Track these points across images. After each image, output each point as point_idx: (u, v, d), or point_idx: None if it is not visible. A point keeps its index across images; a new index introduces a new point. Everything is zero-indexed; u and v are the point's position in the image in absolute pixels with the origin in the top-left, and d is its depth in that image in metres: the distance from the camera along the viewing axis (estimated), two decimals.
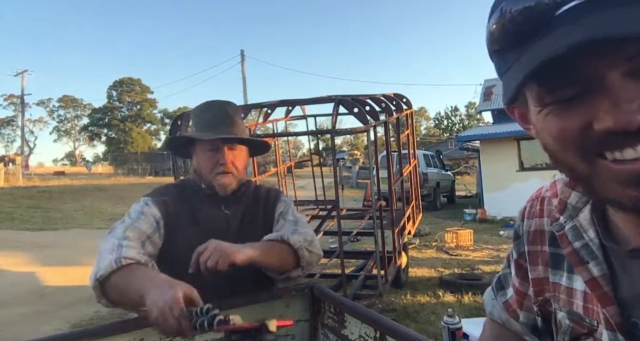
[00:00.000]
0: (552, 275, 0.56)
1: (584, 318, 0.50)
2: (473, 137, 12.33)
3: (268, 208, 1.36)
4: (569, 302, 0.52)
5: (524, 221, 0.62)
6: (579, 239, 0.50)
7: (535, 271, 0.59)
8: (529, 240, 0.60)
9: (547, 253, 0.57)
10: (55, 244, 8.08)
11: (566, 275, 0.53)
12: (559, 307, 0.54)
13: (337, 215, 3.27)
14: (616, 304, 0.45)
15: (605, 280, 0.46)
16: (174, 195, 1.29)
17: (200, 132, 1.28)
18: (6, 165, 20.65)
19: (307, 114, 5.75)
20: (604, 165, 0.39)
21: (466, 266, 5.84)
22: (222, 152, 1.26)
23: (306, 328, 1.20)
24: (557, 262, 0.55)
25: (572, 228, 0.51)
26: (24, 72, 36.89)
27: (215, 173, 1.27)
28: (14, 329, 3.98)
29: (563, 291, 0.53)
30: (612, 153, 0.38)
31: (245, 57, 24.76)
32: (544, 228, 0.58)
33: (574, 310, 0.51)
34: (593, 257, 0.48)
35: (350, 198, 13.97)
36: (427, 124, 61.10)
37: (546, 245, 0.57)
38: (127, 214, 1.22)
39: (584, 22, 0.36)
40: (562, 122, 0.41)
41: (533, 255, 0.59)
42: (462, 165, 27.43)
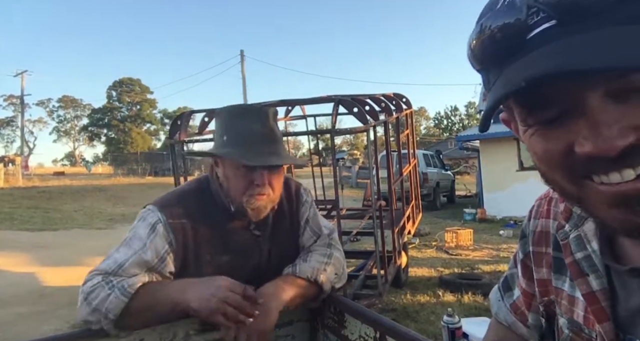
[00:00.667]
0: (555, 279, 0.55)
1: (583, 329, 0.49)
2: (473, 136, 12.33)
3: (293, 213, 1.22)
4: (570, 310, 0.51)
5: (530, 220, 0.61)
6: (582, 250, 0.48)
7: (540, 272, 0.58)
8: (534, 240, 0.59)
9: (551, 257, 0.55)
10: (55, 244, 8.08)
11: (569, 282, 0.52)
12: (561, 313, 0.53)
13: (337, 214, 3.27)
14: (611, 320, 0.44)
15: (604, 295, 0.45)
16: (194, 213, 1.08)
17: (236, 145, 1.04)
18: (6, 166, 20.63)
19: (307, 114, 5.74)
20: (592, 187, 0.38)
21: (466, 266, 5.84)
22: (260, 172, 1.05)
23: (306, 328, 1.20)
24: (560, 267, 0.54)
25: (576, 238, 0.50)
26: (24, 73, 36.87)
27: (249, 195, 1.05)
28: (14, 329, 3.98)
29: (565, 298, 0.52)
30: (598, 176, 0.37)
31: (245, 57, 24.78)
32: (549, 230, 0.57)
33: (574, 319, 0.50)
34: (594, 270, 0.47)
35: (350, 198, 13.97)
36: (427, 124, 61.14)
37: (550, 248, 0.56)
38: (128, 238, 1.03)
39: (552, 48, 0.34)
40: (545, 143, 0.39)
41: (537, 256, 0.58)
42: (462, 164, 27.44)
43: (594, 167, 0.37)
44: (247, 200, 1.06)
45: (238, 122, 1.07)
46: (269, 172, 1.06)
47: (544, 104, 0.38)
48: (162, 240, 1.02)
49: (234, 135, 1.06)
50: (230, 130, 1.07)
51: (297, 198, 1.24)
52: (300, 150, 40.19)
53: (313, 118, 5.95)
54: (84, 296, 0.95)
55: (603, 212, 0.39)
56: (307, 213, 1.24)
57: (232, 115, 1.09)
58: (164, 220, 1.03)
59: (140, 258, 0.99)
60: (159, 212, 1.04)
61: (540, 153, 0.41)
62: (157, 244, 1.01)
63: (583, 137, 0.36)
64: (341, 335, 1.10)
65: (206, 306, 0.92)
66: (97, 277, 0.97)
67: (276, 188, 1.10)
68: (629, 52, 0.31)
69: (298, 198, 1.24)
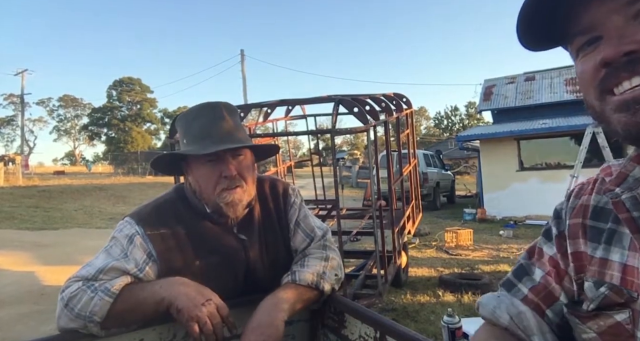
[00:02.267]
0: (587, 247, 0.56)
1: (621, 289, 0.49)
2: (473, 136, 12.33)
3: (281, 215, 1.19)
4: (600, 273, 0.52)
5: (570, 200, 0.62)
6: (638, 210, 0.49)
7: (576, 244, 0.58)
8: (572, 215, 0.60)
9: (587, 226, 0.57)
10: (55, 243, 8.08)
11: (603, 247, 0.53)
12: (587, 277, 0.54)
13: (337, 214, 3.27)
14: None
15: None
16: (174, 223, 1.06)
17: (193, 144, 1.04)
18: (6, 165, 20.64)
19: (307, 114, 5.75)
20: (610, 100, 0.47)
21: (466, 266, 5.84)
22: (226, 162, 1.02)
23: (306, 328, 1.20)
24: (595, 235, 0.55)
25: (631, 198, 0.50)
26: (24, 72, 36.88)
27: (221, 190, 1.03)
28: (14, 329, 3.98)
29: (595, 263, 0.53)
30: (617, 88, 0.46)
31: (245, 57, 24.77)
32: (589, 203, 0.58)
33: (608, 281, 0.51)
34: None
35: (350, 198, 13.97)
36: (427, 124, 61.11)
37: (588, 218, 0.57)
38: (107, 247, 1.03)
39: None
40: (582, 66, 0.50)
41: (573, 227, 0.59)
42: (462, 164, 27.44)
43: (611, 78, 0.46)
44: (219, 195, 1.03)
45: (193, 123, 1.06)
46: (235, 160, 1.04)
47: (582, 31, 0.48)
48: (141, 251, 1.01)
49: (191, 136, 1.06)
50: (188, 132, 1.07)
51: (285, 200, 1.21)
52: (300, 150, 40.22)
53: (313, 118, 5.96)
54: (64, 303, 0.93)
55: (613, 118, 0.47)
56: (296, 215, 1.20)
57: (189, 116, 1.08)
58: (141, 232, 1.02)
59: (120, 264, 0.98)
60: (137, 225, 1.03)
61: (579, 75, 0.51)
62: (136, 255, 1.00)
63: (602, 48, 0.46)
64: (341, 335, 1.10)
65: (190, 310, 0.91)
66: (77, 283, 0.95)
67: (248, 180, 1.07)
68: None
69: (286, 199, 1.21)
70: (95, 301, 0.90)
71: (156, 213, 1.07)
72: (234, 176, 1.04)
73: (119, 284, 0.94)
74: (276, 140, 5.74)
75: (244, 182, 1.06)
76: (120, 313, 0.92)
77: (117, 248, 1.01)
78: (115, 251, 1.01)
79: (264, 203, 1.19)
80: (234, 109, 1.13)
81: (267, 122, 5.16)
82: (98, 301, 0.90)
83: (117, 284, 0.93)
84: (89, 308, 0.90)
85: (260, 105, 4.44)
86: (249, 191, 1.08)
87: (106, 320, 0.91)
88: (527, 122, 11.53)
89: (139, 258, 1.00)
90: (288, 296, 1.04)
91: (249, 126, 5.13)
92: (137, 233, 1.02)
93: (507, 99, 13.77)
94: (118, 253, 1.00)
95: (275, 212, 1.19)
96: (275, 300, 1.02)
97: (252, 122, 5.40)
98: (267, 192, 1.21)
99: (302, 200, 1.26)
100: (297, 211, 1.21)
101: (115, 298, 0.91)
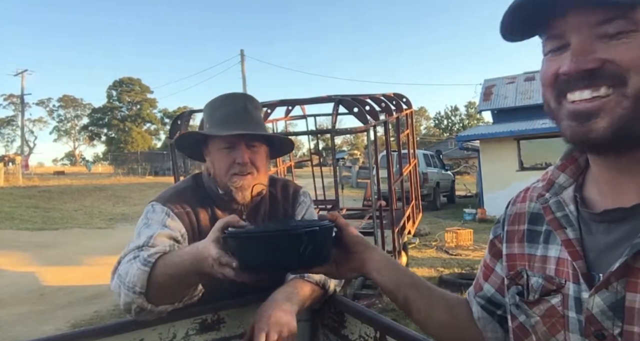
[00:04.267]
0: (528, 248, 0.65)
1: (554, 278, 0.59)
2: (473, 136, 12.33)
3: (288, 213, 1.24)
4: (542, 268, 0.62)
5: (508, 208, 0.72)
6: (561, 211, 0.60)
7: (511, 248, 0.68)
8: (509, 222, 0.70)
9: (524, 231, 0.66)
10: (55, 244, 8.08)
11: (542, 246, 0.63)
12: (533, 274, 0.63)
13: None
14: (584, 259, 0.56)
15: (577, 242, 0.57)
16: (193, 204, 1.13)
17: (215, 128, 1.14)
18: (6, 165, 20.67)
19: (307, 114, 5.74)
20: (564, 105, 0.53)
21: (466, 266, 5.85)
22: (240, 149, 1.11)
23: (306, 328, 1.20)
24: (533, 236, 0.65)
25: (555, 202, 0.61)
26: (24, 72, 36.98)
27: (232, 174, 1.11)
28: (14, 329, 3.98)
29: (538, 260, 0.63)
30: (571, 94, 0.51)
31: (245, 57, 24.78)
32: (524, 211, 0.68)
33: (546, 274, 0.61)
34: (570, 224, 0.59)
35: (350, 198, 13.97)
36: (427, 124, 61.15)
37: (524, 224, 0.67)
38: (144, 224, 1.05)
39: None
40: (546, 67, 0.55)
41: (510, 234, 0.69)
42: (462, 164, 27.43)
43: (568, 85, 0.51)
44: (230, 179, 1.11)
45: (218, 110, 1.15)
46: (249, 150, 1.13)
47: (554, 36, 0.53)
48: (177, 222, 1.07)
49: (213, 121, 1.15)
50: (211, 118, 1.16)
51: (294, 199, 1.26)
52: (300, 150, 40.20)
53: (313, 118, 5.95)
54: (120, 279, 0.92)
55: (563, 124, 0.54)
56: (302, 212, 1.25)
57: (215, 103, 1.17)
58: (171, 211, 1.09)
59: (166, 232, 1.01)
60: (163, 205, 1.10)
61: (542, 75, 0.56)
62: (174, 226, 1.06)
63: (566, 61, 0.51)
64: (341, 335, 1.10)
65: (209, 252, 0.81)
66: (129, 255, 0.95)
67: (260, 168, 1.15)
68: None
69: (295, 198, 1.26)
70: (134, 272, 0.89)
71: (177, 196, 1.15)
72: (247, 163, 1.12)
73: (156, 253, 0.91)
74: None
75: (256, 171, 1.14)
76: (159, 280, 0.89)
77: (155, 222, 1.05)
78: (155, 225, 1.04)
79: (274, 201, 1.24)
80: (257, 103, 1.21)
81: (267, 122, 5.16)
82: (136, 271, 0.89)
83: (154, 252, 0.91)
84: (130, 278, 0.89)
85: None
86: (260, 179, 1.15)
87: (149, 290, 0.88)
88: (527, 122, 11.52)
89: (179, 227, 1.07)
90: (298, 292, 1.04)
91: None
92: (168, 210, 1.09)
93: (507, 99, 13.77)
94: (158, 226, 1.03)
95: (283, 208, 1.24)
96: (286, 293, 1.02)
97: None
98: (278, 191, 1.26)
99: (312, 202, 1.30)
100: (304, 209, 1.25)
101: (152, 266, 0.89)
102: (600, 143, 0.50)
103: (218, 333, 1.07)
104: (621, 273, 0.50)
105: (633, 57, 0.47)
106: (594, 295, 0.53)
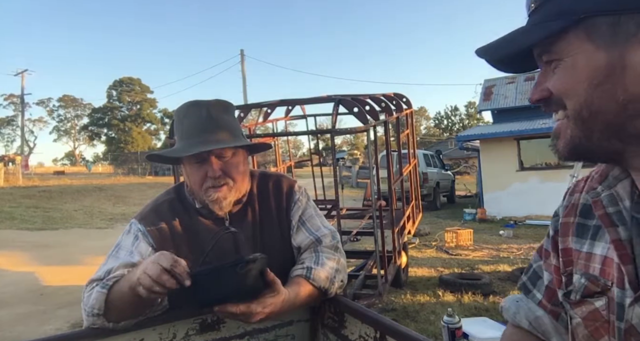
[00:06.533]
0: (575, 243, 0.60)
1: (599, 279, 0.55)
2: (473, 136, 12.33)
3: (282, 211, 1.19)
4: (586, 266, 0.57)
5: (565, 198, 0.66)
6: (614, 205, 0.55)
7: (565, 242, 0.62)
8: (564, 213, 0.64)
9: (575, 223, 0.61)
10: (55, 244, 8.08)
11: (589, 242, 0.58)
12: (576, 270, 0.59)
13: (337, 214, 3.27)
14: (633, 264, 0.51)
15: (629, 244, 0.52)
16: (169, 218, 1.13)
17: (181, 142, 1.09)
18: (6, 165, 20.66)
19: (307, 114, 5.74)
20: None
21: (466, 266, 5.84)
22: (210, 162, 1.06)
23: (306, 328, 1.20)
24: (582, 231, 0.60)
25: (608, 196, 0.56)
26: (24, 72, 36.94)
27: (207, 188, 1.08)
28: (14, 329, 3.98)
29: (582, 257, 0.58)
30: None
31: (245, 57, 24.77)
32: (578, 201, 0.63)
33: (590, 272, 0.56)
34: (623, 222, 0.53)
35: (350, 198, 13.97)
36: (427, 124, 61.11)
37: (576, 216, 0.62)
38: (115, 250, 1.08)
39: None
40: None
41: (564, 226, 0.63)
42: (462, 164, 27.42)
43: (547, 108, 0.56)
44: (205, 193, 1.08)
45: (183, 120, 1.10)
46: (221, 161, 1.08)
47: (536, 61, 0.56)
48: (145, 244, 1.09)
49: (180, 134, 1.11)
50: (178, 130, 1.12)
51: (289, 197, 1.21)
52: (300, 150, 40.23)
53: (313, 118, 5.95)
54: (83, 306, 0.99)
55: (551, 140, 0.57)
56: (300, 212, 1.19)
57: (181, 113, 1.12)
58: (143, 230, 1.10)
59: (128, 261, 1.03)
60: (138, 224, 1.12)
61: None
62: (142, 248, 1.07)
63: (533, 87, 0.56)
64: (341, 335, 1.10)
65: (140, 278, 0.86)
66: (90, 285, 1.00)
67: (236, 177, 1.10)
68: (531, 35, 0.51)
69: (289, 196, 1.21)
70: (94, 295, 0.95)
71: (154, 212, 1.15)
72: (219, 176, 1.07)
73: (115, 277, 0.97)
74: (276, 140, 5.75)
75: (231, 180, 1.09)
76: (115, 303, 0.94)
77: (123, 250, 1.08)
78: (122, 253, 1.07)
79: (264, 199, 1.19)
80: (226, 106, 1.14)
81: (267, 122, 5.16)
82: (95, 293, 0.95)
83: (114, 276, 0.97)
84: (90, 302, 0.95)
85: (260, 105, 4.44)
86: (237, 188, 1.11)
87: (107, 312, 0.94)
88: (527, 122, 11.52)
89: (144, 251, 1.07)
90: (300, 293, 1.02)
91: (248, 126, 5.13)
92: (139, 230, 1.10)
93: (507, 99, 13.77)
94: (125, 254, 1.07)
95: (276, 209, 1.19)
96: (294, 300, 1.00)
97: (252, 122, 5.40)
98: (269, 188, 1.21)
99: (309, 199, 1.25)
100: (300, 209, 1.20)
101: (109, 288, 0.95)
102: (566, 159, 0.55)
103: (218, 333, 1.07)
104: None
105: (561, 83, 0.51)
106: (634, 305, 0.49)
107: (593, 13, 0.46)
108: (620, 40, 0.46)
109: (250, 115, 4.60)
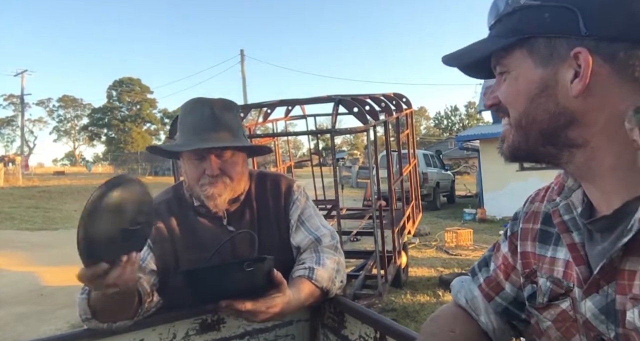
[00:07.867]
0: (539, 248, 0.66)
1: (562, 281, 0.60)
2: (473, 136, 12.33)
3: (280, 210, 1.19)
4: (550, 269, 0.63)
5: (525, 205, 0.73)
6: (569, 213, 0.61)
7: (524, 246, 0.69)
8: (524, 219, 0.70)
9: (537, 230, 0.67)
10: (55, 244, 8.08)
11: (552, 248, 0.64)
12: (542, 274, 0.64)
13: (337, 214, 3.27)
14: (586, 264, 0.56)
15: (582, 246, 0.58)
16: (166, 217, 1.14)
17: (184, 137, 1.11)
18: (6, 165, 20.67)
19: (307, 114, 5.74)
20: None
21: (466, 266, 5.84)
22: (209, 159, 1.08)
23: (306, 328, 1.20)
24: (545, 238, 0.65)
25: (564, 205, 0.62)
26: (24, 72, 36.96)
27: (202, 184, 1.09)
28: (14, 329, 3.98)
29: (547, 262, 0.64)
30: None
31: (245, 57, 24.78)
32: (540, 210, 0.69)
33: (555, 276, 0.62)
34: (577, 228, 0.59)
35: (350, 198, 13.96)
36: (427, 124, 61.10)
37: (538, 223, 0.68)
38: None
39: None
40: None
41: (525, 232, 0.69)
42: (462, 164, 27.41)
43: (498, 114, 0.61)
44: (201, 188, 1.10)
45: (187, 116, 1.13)
46: (220, 160, 1.10)
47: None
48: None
49: (183, 129, 1.13)
50: (182, 125, 1.14)
51: (287, 196, 1.21)
52: (300, 150, 40.20)
53: (313, 118, 5.95)
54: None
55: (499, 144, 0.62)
56: (299, 211, 1.19)
57: (185, 110, 1.14)
58: None
59: None
60: None
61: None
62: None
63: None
64: (341, 335, 1.10)
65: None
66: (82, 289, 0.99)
67: (234, 176, 1.12)
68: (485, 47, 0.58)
69: (288, 196, 1.21)
70: (78, 301, 0.96)
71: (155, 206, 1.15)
72: (216, 174, 1.09)
73: None
74: (276, 140, 5.75)
75: (228, 179, 1.11)
76: (98, 306, 0.93)
77: None
78: None
79: (262, 198, 1.20)
80: (229, 106, 1.16)
81: (267, 122, 5.16)
82: (78, 300, 0.96)
83: None
84: (78, 308, 0.96)
85: (260, 105, 4.44)
86: (233, 187, 1.12)
87: (96, 315, 0.94)
88: None
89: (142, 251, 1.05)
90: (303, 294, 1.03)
91: (248, 126, 5.12)
92: None
93: None
94: None
95: (274, 208, 1.19)
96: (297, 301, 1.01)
97: (251, 122, 5.40)
98: (267, 188, 1.21)
99: (308, 198, 1.25)
100: (299, 208, 1.20)
101: (87, 293, 0.94)
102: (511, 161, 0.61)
103: (218, 333, 1.07)
104: (610, 275, 0.51)
105: (507, 93, 0.57)
106: (585, 299, 0.54)
107: (534, 34, 0.52)
108: (555, 60, 0.51)
109: (250, 115, 4.61)
